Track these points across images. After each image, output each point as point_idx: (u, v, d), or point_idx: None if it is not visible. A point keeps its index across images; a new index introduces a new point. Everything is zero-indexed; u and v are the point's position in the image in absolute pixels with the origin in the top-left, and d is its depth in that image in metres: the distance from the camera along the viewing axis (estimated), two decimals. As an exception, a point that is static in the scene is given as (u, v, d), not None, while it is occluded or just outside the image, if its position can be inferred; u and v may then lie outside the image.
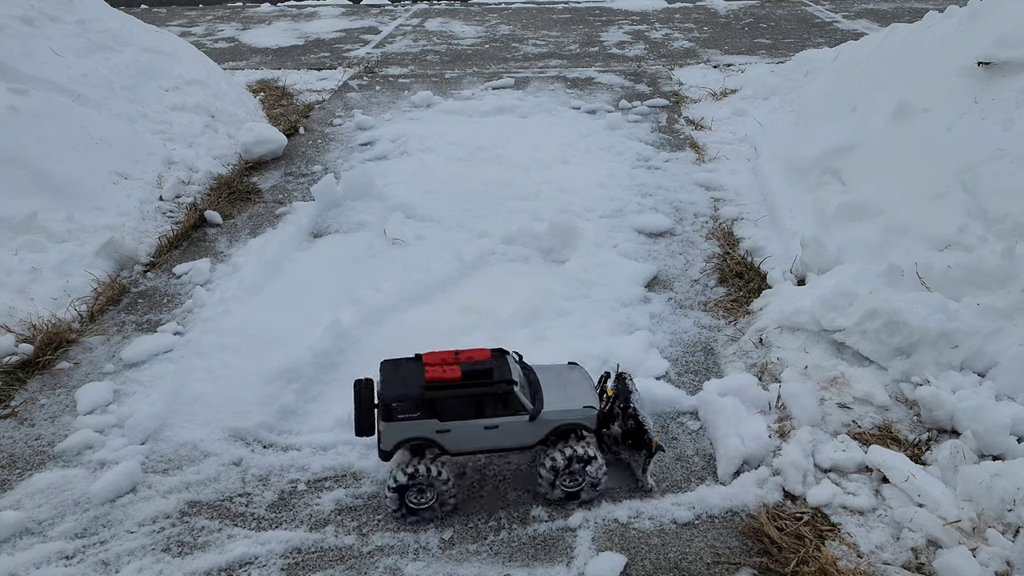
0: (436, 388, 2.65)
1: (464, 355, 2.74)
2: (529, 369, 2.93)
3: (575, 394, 2.85)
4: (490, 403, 2.70)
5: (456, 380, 2.66)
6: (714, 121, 6.86)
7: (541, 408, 2.75)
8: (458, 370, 2.67)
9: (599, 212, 5.09)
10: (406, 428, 2.67)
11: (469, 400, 2.68)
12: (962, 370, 3.32)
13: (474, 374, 2.68)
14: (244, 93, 7.52)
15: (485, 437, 2.74)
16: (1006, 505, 2.60)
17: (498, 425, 2.72)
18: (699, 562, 2.60)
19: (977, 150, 4.03)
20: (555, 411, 2.77)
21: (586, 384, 2.94)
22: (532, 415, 2.73)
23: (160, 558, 2.66)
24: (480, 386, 2.68)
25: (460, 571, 2.59)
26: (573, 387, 2.89)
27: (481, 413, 2.71)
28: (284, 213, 5.23)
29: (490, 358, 2.75)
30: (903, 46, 5.49)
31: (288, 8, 13.23)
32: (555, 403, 2.79)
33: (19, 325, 3.83)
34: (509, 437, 2.77)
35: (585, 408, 2.80)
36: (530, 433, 2.77)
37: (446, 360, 2.72)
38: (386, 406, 2.64)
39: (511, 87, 8.08)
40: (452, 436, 2.71)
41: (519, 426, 2.74)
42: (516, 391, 2.71)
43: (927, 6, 11.67)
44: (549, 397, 2.81)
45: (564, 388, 2.87)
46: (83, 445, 3.15)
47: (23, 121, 4.97)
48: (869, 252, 4.01)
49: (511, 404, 2.71)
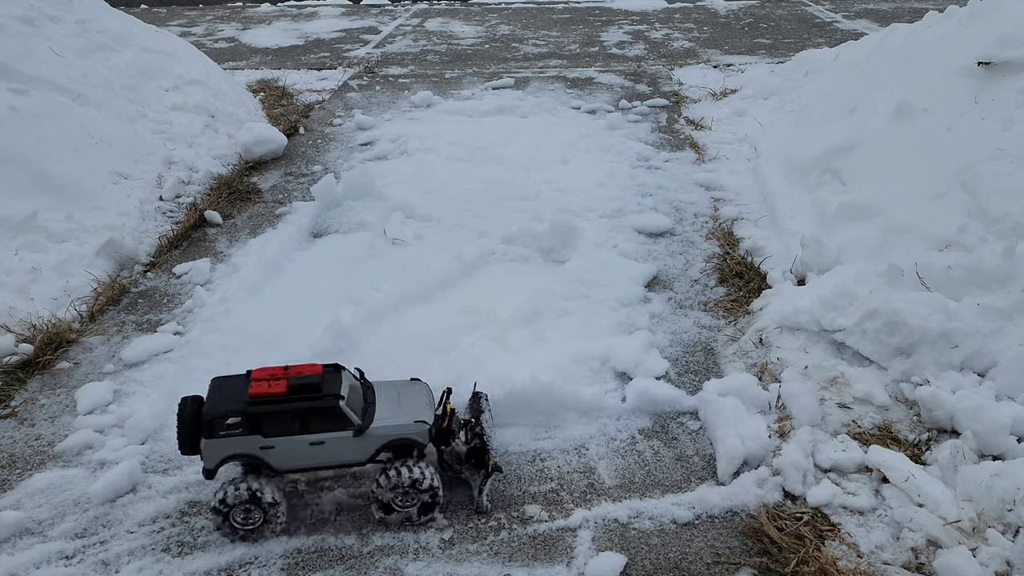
0: (259, 403, 2.58)
1: (294, 370, 2.68)
2: (367, 385, 2.87)
3: (408, 409, 2.79)
4: (315, 418, 2.63)
5: (280, 395, 2.59)
6: (714, 121, 6.86)
7: (369, 423, 2.69)
8: (283, 385, 2.61)
9: (599, 212, 5.09)
10: (228, 445, 2.60)
11: (293, 415, 2.61)
12: (962, 370, 3.32)
13: (299, 388, 2.61)
14: (244, 93, 7.52)
15: (311, 454, 2.67)
16: (1006, 505, 2.60)
17: (324, 441, 2.65)
18: (699, 562, 2.60)
19: (977, 150, 4.03)
20: (384, 426, 2.70)
21: (423, 400, 2.87)
22: (357, 430, 2.66)
23: (160, 558, 2.66)
24: (305, 401, 2.61)
25: (460, 571, 2.59)
26: (409, 402, 2.83)
27: (306, 429, 2.63)
28: (284, 213, 5.23)
29: (320, 373, 2.68)
30: (903, 46, 5.49)
31: (288, 8, 13.23)
32: (385, 418, 2.73)
33: (19, 325, 3.83)
34: (336, 453, 2.69)
35: (416, 423, 2.73)
36: (358, 449, 2.70)
37: (274, 375, 2.65)
38: (207, 422, 2.58)
39: (511, 87, 8.08)
40: (277, 453, 2.64)
41: (345, 442, 2.67)
42: (341, 405, 2.64)
43: (927, 6, 11.67)
44: (381, 412, 2.75)
45: (399, 403, 2.81)
46: (83, 445, 3.15)
47: (23, 121, 4.97)
48: (869, 252, 4.01)
49: (336, 419, 2.64)
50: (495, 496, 2.89)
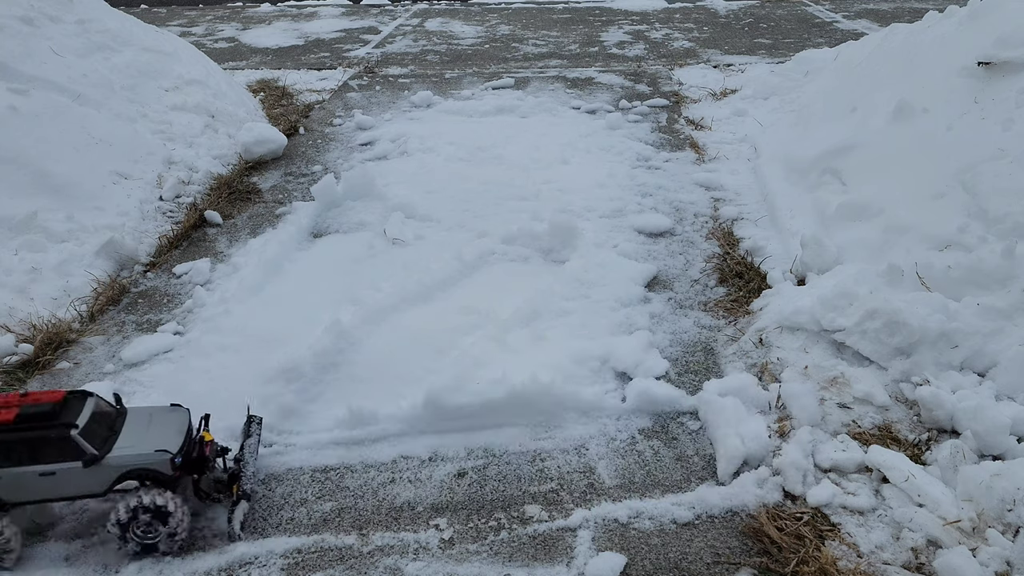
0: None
1: (32, 397, 2.58)
2: (119, 412, 2.76)
3: (154, 438, 2.67)
4: (45, 448, 2.51)
5: (7, 423, 2.49)
6: (714, 121, 6.86)
7: (106, 453, 2.57)
8: (13, 413, 2.51)
9: (599, 212, 5.09)
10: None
11: (20, 445, 2.50)
12: (962, 370, 3.32)
13: (30, 417, 2.51)
14: (244, 93, 7.52)
15: (43, 485, 2.54)
16: (1006, 505, 2.60)
17: (55, 472, 2.52)
18: (699, 562, 2.60)
19: (977, 150, 4.03)
20: (121, 456, 2.59)
21: (175, 428, 2.75)
22: (88, 460, 2.53)
23: (160, 558, 2.66)
24: (34, 430, 2.50)
25: (460, 571, 2.59)
26: (157, 430, 2.71)
27: (35, 459, 2.51)
28: (284, 213, 5.23)
29: (60, 400, 2.58)
30: (903, 46, 5.49)
31: (288, 8, 13.23)
32: (126, 447, 2.61)
33: (19, 325, 3.83)
34: (70, 485, 2.57)
35: (156, 452, 2.61)
36: (94, 480, 2.58)
37: (8, 402, 2.55)
38: None
39: (511, 87, 8.07)
40: (5, 484, 2.52)
41: (77, 472, 2.54)
42: (73, 435, 2.51)
43: (927, 6, 11.67)
44: (123, 441, 2.64)
45: (146, 432, 2.70)
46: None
47: (23, 121, 4.97)
48: (869, 252, 4.01)
49: (67, 449, 2.52)
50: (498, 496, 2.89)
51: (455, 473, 3.02)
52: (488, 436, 3.19)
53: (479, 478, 2.99)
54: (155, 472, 2.63)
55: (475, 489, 2.94)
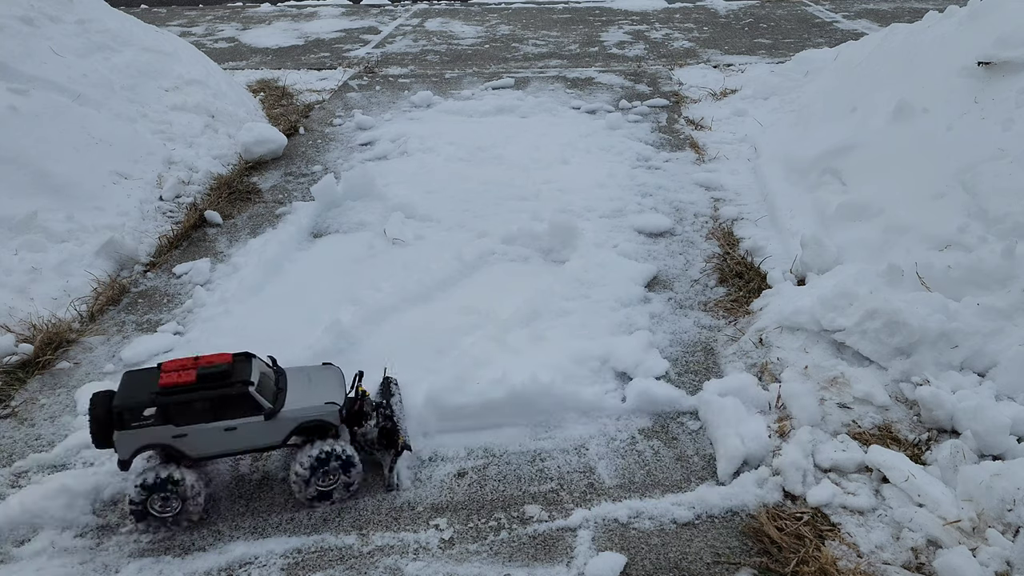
0: (169, 393, 2.64)
1: (203, 360, 2.74)
2: (280, 372, 2.95)
3: (319, 392, 2.88)
4: (226, 405, 2.69)
5: (190, 384, 2.66)
6: (714, 121, 6.86)
7: (280, 407, 2.76)
8: (193, 374, 2.67)
9: (599, 212, 5.09)
10: (140, 435, 2.67)
11: (204, 403, 2.67)
12: (962, 370, 3.32)
13: (208, 377, 2.68)
14: (244, 93, 7.52)
15: (226, 439, 2.74)
16: (1006, 505, 2.60)
17: (236, 427, 2.72)
18: (699, 562, 2.60)
19: (977, 150, 4.03)
20: (295, 409, 2.79)
21: (335, 383, 2.96)
22: (268, 414, 2.73)
23: (160, 558, 2.66)
24: (214, 388, 2.67)
25: (460, 571, 2.59)
26: (320, 386, 2.91)
27: (218, 415, 2.70)
28: (284, 213, 5.23)
29: (230, 361, 2.75)
30: (903, 46, 5.49)
31: (288, 8, 13.23)
32: (296, 402, 2.81)
33: (19, 325, 3.83)
34: (250, 438, 2.77)
35: (326, 404, 2.82)
36: (271, 432, 2.78)
37: (184, 366, 2.71)
38: (118, 414, 2.64)
39: (511, 87, 8.08)
40: (190, 440, 2.71)
41: (257, 426, 2.74)
42: (251, 391, 2.70)
43: (927, 6, 11.67)
44: (292, 396, 2.83)
45: (310, 387, 2.90)
46: (83, 445, 3.15)
47: (23, 121, 4.97)
48: (869, 252, 4.01)
49: (247, 404, 2.71)
50: (494, 494, 2.89)
51: (455, 473, 3.02)
52: (488, 436, 3.19)
53: (479, 478, 2.99)
54: (326, 424, 2.82)
55: (475, 489, 2.94)
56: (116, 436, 2.67)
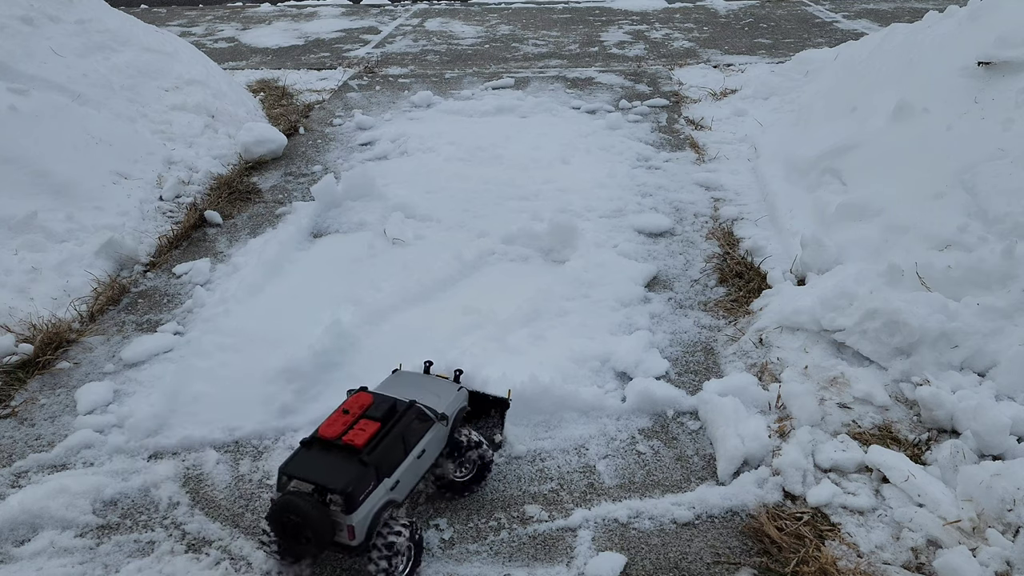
0: (374, 448, 2.42)
1: (352, 407, 2.55)
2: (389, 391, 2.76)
3: (440, 387, 2.80)
4: (410, 431, 2.56)
5: (379, 429, 2.48)
6: (714, 121, 6.86)
7: (441, 410, 2.67)
8: (372, 421, 2.49)
9: (599, 212, 5.09)
10: (371, 507, 2.38)
11: (398, 440, 2.51)
12: (962, 370, 3.32)
13: (387, 414, 2.53)
14: (244, 93, 7.52)
15: (419, 466, 2.61)
16: (1006, 505, 2.60)
17: (425, 448, 2.61)
18: (699, 562, 2.60)
19: (977, 150, 4.03)
20: (451, 407, 2.73)
21: (430, 378, 2.90)
22: (444, 418, 2.65)
23: (160, 558, 2.66)
24: (399, 421, 2.54)
25: (460, 571, 2.59)
26: (429, 384, 2.83)
27: (408, 446, 2.55)
28: (284, 213, 5.23)
29: (373, 397, 2.60)
30: (903, 46, 5.49)
31: (288, 8, 13.23)
32: (443, 401, 2.72)
33: (19, 325, 3.83)
34: (432, 453, 2.66)
35: (460, 391, 2.81)
36: (442, 439, 2.71)
37: (347, 421, 2.49)
38: (346, 496, 2.30)
39: (511, 87, 8.07)
40: (400, 484, 2.52)
41: (438, 437, 2.66)
42: (419, 404, 2.61)
43: (927, 6, 11.67)
44: (431, 400, 2.69)
45: (425, 388, 2.78)
46: (83, 445, 3.15)
47: (23, 121, 4.97)
48: (869, 252, 4.01)
49: (424, 421, 2.61)
50: (499, 494, 2.89)
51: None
52: (488, 436, 3.19)
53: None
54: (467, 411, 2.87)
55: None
56: (353, 521, 2.32)
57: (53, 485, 2.91)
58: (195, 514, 2.84)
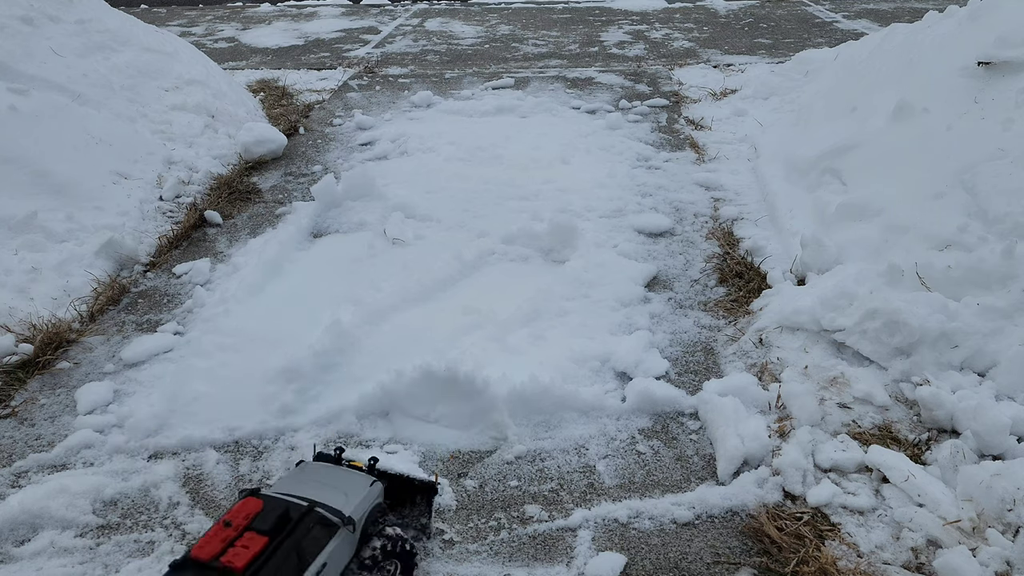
0: (253, 571, 1.95)
1: (235, 519, 2.07)
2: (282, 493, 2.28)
3: (340, 483, 2.36)
4: (307, 542, 2.11)
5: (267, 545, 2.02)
6: (714, 121, 6.86)
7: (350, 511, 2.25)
8: (257, 534, 2.03)
9: (599, 212, 5.09)
10: None
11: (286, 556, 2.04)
12: (962, 370, 3.32)
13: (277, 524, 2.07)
14: (244, 93, 7.52)
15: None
16: (1006, 505, 2.60)
17: (325, 562, 2.13)
18: (699, 562, 2.60)
19: (977, 150, 4.03)
20: (359, 506, 2.31)
21: (331, 471, 2.46)
22: (348, 520, 2.21)
23: (160, 558, 2.66)
24: (291, 531, 2.09)
25: (460, 571, 2.59)
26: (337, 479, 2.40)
27: (305, 561, 2.08)
28: (284, 213, 5.23)
29: (262, 503, 2.13)
30: (903, 46, 5.49)
31: (288, 8, 13.23)
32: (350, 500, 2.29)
33: (19, 325, 3.83)
34: (337, 565, 2.20)
35: (373, 486, 2.40)
36: (352, 545, 2.27)
37: (227, 536, 2.02)
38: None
39: (511, 87, 8.07)
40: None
41: (343, 543, 2.21)
42: (320, 510, 2.18)
43: (927, 6, 11.67)
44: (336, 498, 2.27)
45: (330, 484, 2.35)
46: (83, 445, 3.15)
47: (23, 121, 4.97)
48: (869, 252, 4.01)
49: (326, 524, 2.17)
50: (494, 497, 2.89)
51: (456, 474, 3.02)
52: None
53: (479, 478, 2.99)
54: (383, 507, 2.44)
55: (475, 489, 2.94)
56: None
57: (53, 485, 2.92)
58: (195, 514, 2.85)
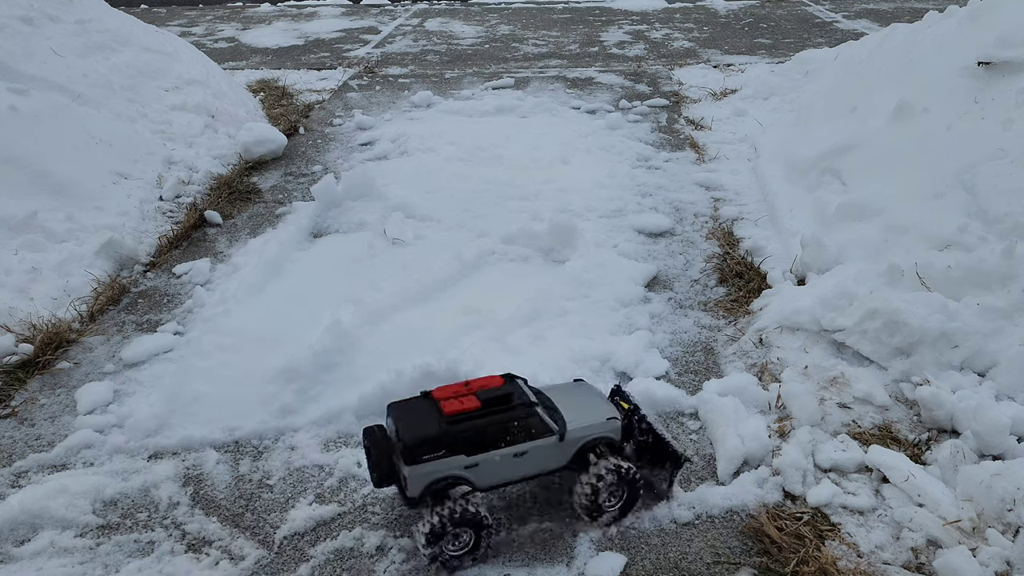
0: (458, 421, 2.49)
1: (475, 384, 2.63)
2: (539, 392, 2.78)
3: (593, 409, 2.73)
4: (515, 429, 2.55)
5: (476, 410, 2.52)
6: (714, 121, 6.86)
7: (564, 427, 2.61)
8: (475, 399, 2.54)
9: (599, 212, 5.09)
10: (433, 469, 2.46)
11: (495, 429, 2.52)
12: (962, 370, 3.32)
13: (492, 401, 2.55)
14: (244, 93, 7.52)
15: (515, 466, 2.58)
16: (1006, 505, 2.60)
17: (527, 451, 2.56)
18: (699, 562, 2.60)
19: (977, 150, 4.03)
20: (580, 427, 2.64)
21: (599, 398, 2.83)
22: (560, 435, 2.59)
23: (160, 558, 2.66)
24: (502, 412, 2.55)
25: (460, 571, 2.58)
26: (588, 402, 2.77)
27: (508, 441, 2.54)
28: (284, 213, 5.23)
29: (504, 383, 2.65)
30: (903, 46, 5.49)
31: (288, 8, 13.23)
32: (577, 420, 2.65)
33: (19, 325, 3.83)
34: (539, 462, 2.62)
35: (609, 420, 2.69)
36: (559, 454, 2.64)
37: (459, 392, 2.58)
38: (408, 449, 2.44)
39: (511, 87, 8.08)
40: (481, 470, 2.52)
41: (548, 448, 2.59)
42: (539, 412, 2.60)
43: (927, 6, 11.67)
44: (569, 415, 2.66)
45: (579, 404, 2.74)
46: (83, 445, 3.15)
47: (23, 121, 4.97)
48: (869, 252, 4.01)
49: (536, 427, 2.58)
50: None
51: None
52: (488, 436, 3.19)
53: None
54: (609, 440, 2.70)
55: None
56: (408, 472, 2.45)
57: (53, 485, 2.92)
58: (195, 514, 2.85)
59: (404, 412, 2.58)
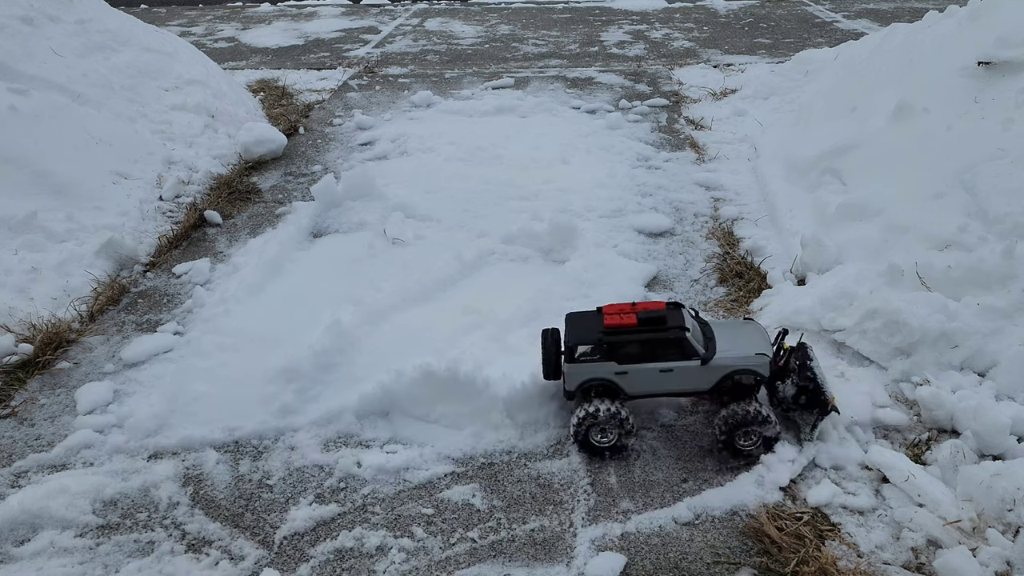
0: (614, 333, 2.88)
1: (640, 306, 2.98)
2: (704, 322, 3.10)
3: (748, 343, 2.98)
4: (664, 348, 2.88)
5: (632, 326, 2.89)
6: (714, 121, 6.85)
7: (713, 354, 2.91)
8: (634, 317, 2.90)
9: (599, 212, 5.09)
10: (587, 369, 2.92)
11: (644, 344, 2.88)
12: (962, 370, 3.32)
13: (648, 321, 2.90)
14: (244, 93, 7.52)
15: (660, 380, 2.94)
16: (1006, 505, 2.60)
17: (672, 369, 2.90)
18: (699, 562, 2.60)
19: (977, 150, 4.03)
20: (728, 357, 2.92)
21: (760, 337, 3.05)
22: (704, 359, 2.89)
23: (160, 558, 2.66)
24: (654, 332, 2.88)
25: (460, 571, 2.59)
26: (746, 338, 3.02)
27: (656, 357, 2.89)
28: (284, 213, 5.23)
29: (664, 308, 2.96)
30: (903, 46, 5.49)
31: (288, 8, 13.23)
32: (728, 350, 2.94)
33: (19, 325, 3.83)
34: (683, 381, 2.94)
35: (758, 355, 2.92)
36: (703, 378, 2.94)
37: (624, 310, 2.95)
38: (569, 349, 2.92)
39: (511, 87, 8.07)
40: (629, 378, 2.93)
41: (692, 370, 2.91)
42: (688, 337, 2.88)
43: (927, 6, 11.67)
44: (722, 345, 2.96)
45: (737, 338, 3.01)
46: (83, 445, 3.15)
47: (23, 121, 4.97)
48: (869, 252, 4.01)
49: (684, 349, 2.89)
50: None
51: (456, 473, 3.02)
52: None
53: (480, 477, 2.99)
54: (754, 373, 2.94)
55: (476, 487, 2.93)
56: (566, 368, 2.95)
57: (53, 485, 2.92)
58: (195, 514, 2.85)
59: (575, 320, 3.04)
